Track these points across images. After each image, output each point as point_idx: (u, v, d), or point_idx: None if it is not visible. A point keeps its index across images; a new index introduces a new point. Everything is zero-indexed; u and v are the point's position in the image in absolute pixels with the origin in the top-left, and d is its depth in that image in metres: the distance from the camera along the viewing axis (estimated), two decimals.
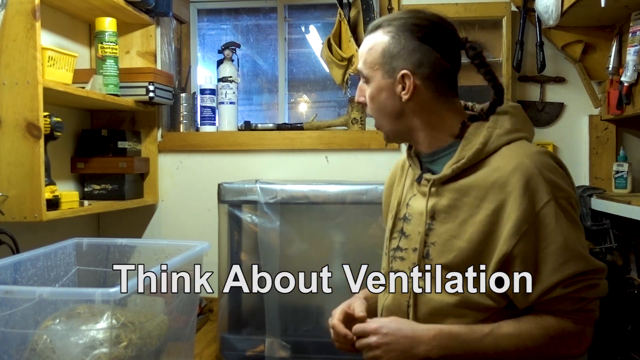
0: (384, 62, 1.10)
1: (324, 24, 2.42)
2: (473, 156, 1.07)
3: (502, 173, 1.03)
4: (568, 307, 1.02)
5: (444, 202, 1.09)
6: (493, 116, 1.12)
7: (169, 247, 1.48)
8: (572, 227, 1.02)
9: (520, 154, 1.04)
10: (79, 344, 1.09)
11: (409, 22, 1.09)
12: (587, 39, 2.02)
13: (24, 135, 1.48)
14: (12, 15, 1.47)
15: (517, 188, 1.00)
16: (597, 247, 1.95)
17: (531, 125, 1.17)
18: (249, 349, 1.77)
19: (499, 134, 1.08)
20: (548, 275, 0.99)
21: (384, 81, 1.11)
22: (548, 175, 1.01)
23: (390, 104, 1.11)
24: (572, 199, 1.04)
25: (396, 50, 1.09)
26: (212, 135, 2.22)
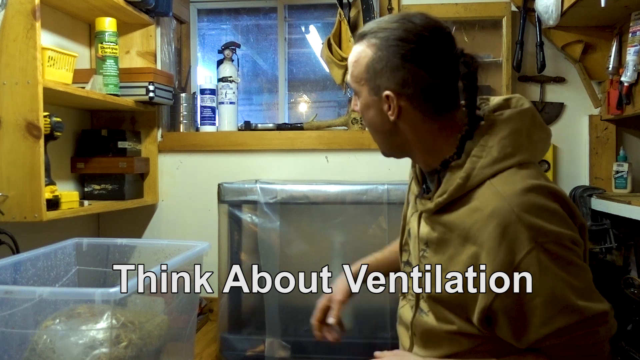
0: (368, 78, 1.02)
1: (324, 24, 2.42)
2: (454, 192, 0.98)
3: (481, 216, 0.93)
4: (566, 352, 0.93)
5: (435, 234, 1.02)
6: (487, 133, 1.00)
7: (169, 247, 1.48)
8: (563, 272, 0.90)
9: (499, 195, 0.93)
10: (79, 344, 1.09)
11: (394, 35, 0.99)
12: (587, 39, 2.02)
13: (24, 135, 1.48)
14: (12, 15, 1.47)
15: (492, 238, 0.90)
16: (597, 247, 1.95)
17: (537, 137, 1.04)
18: (249, 349, 1.77)
19: (483, 165, 0.97)
20: (537, 328, 0.91)
21: (370, 98, 1.03)
22: (529, 220, 0.89)
23: (380, 120, 1.03)
24: (564, 239, 0.91)
25: (379, 67, 0.99)
26: (212, 135, 2.22)
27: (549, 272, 0.89)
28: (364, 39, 1.02)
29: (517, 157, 0.98)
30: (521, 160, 0.98)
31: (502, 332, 0.95)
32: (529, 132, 1.02)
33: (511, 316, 0.92)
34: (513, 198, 0.91)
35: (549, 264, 0.89)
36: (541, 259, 0.89)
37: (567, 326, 0.89)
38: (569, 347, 0.92)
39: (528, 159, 1.00)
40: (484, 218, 0.92)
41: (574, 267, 0.91)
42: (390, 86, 0.99)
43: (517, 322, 0.92)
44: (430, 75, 0.98)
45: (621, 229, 1.90)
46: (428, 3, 2.09)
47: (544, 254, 0.89)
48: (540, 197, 0.93)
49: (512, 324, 0.93)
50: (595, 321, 0.91)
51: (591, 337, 0.91)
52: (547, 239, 0.90)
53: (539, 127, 1.05)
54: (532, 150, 1.02)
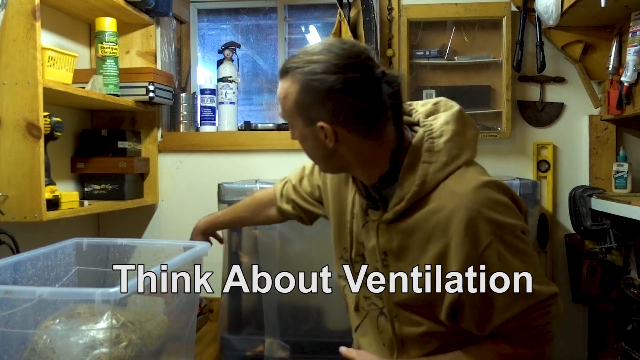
0: (300, 112, 1.04)
1: (324, 24, 2.42)
2: (411, 198, 1.02)
3: (442, 216, 0.99)
4: (523, 336, 1.02)
5: (394, 243, 1.07)
6: (428, 138, 1.05)
7: (169, 247, 1.48)
8: (518, 261, 0.99)
9: (457, 194, 0.99)
10: (79, 344, 1.09)
11: (316, 69, 1.00)
12: (587, 39, 2.02)
13: (24, 135, 1.48)
14: (12, 15, 1.47)
15: (458, 232, 0.97)
16: (597, 247, 1.95)
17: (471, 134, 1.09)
18: (249, 349, 1.77)
19: (435, 170, 1.03)
20: (499, 314, 0.99)
21: (305, 129, 1.05)
22: (488, 214, 0.97)
23: (319, 148, 1.06)
24: (517, 230, 1.00)
25: (307, 101, 1.01)
26: (212, 135, 2.22)
27: (507, 262, 0.98)
28: (288, 75, 1.03)
29: (462, 157, 1.05)
30: (466, 159, 1.05)
31: (466, 322, 1.03)
32: (464, 132, 1.08)
33: (477, 306, 1.00)
34: (470, 195, 0.98)
35: (506, 254, 0.98)
36: (500, 250, 0.97)
37: (525, 309, 0.99)
38: (525, 328, 1.01)
39: (471, 156, 1.07)
40: (447, 215, 0.98)
41: (526, 255, 1.01)
42: (322, 117, 1.01)
43: (482, 311, 1.00)
44: (358, 100, 1.00)
45: (621, 229, 1.90)
46: (428, 3, 2.09)
47: (502, 245, 0.98)
48: (493, 191, 1.01)
49: (477, 313, 1.00)
50: (548, 302, 1.01)
51: (545, 317, 1.01)
52: (503, 231, 0.98)
53: (470, 126, 1.10)
54: (472, 148, 1.08)
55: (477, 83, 2.13)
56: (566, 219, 2.05)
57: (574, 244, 2.03)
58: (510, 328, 1.01)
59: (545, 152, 2.11)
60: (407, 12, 2.09)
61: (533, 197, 1.76)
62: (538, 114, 2.11)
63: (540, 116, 2.11)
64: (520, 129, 2.12)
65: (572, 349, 2.09)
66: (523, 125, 2.12)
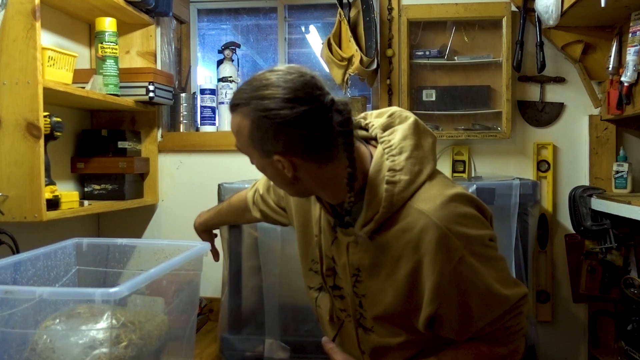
0: (255, 145, 1.03)
1: (324, 24, 2.42)
2: (379, 218, 1.02)
3: (412, 235, 1.00)
4: (498, 337, 1.06)
5: (366, 259, 1.07)
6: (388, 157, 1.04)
7: (169, 247, 1.47)
8: (489, 269, 1.01)
9: (424, 214, 0.99)
10: (79, 344, 1.09)
11: (264, 106, 0.98)
12: (587, 39, 2.02)
13: (24, 135, 1.48)
14: (12, 15, 1.47)
15: (430, 250, 0.98)
16: (597, 247, 1.95)
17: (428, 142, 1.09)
18: (249, 349, 1.77)
19: (400, 191, 1.02)
20: (475, 323, 1.03)
21: (263, 160, 1.05)
22: (457, 230, 0.98)
23: (279, 175, 1.05)
24: (485, 239, 1.02)
25: (260, 135, 1.00)
26: (212, 135, 2.22)
27: (479, 272, 1.00)
28: (237, 109, 1.03)
29: (424, 172, 1.05)
30: (428, 173, 1.05)
31: (444, 332, 1.05)
32: (422, 145, 1.08)
33: (454, 318, 1.02)
34: (437, 213, 0.99)
35: (478, 265, 1.00)
36: (472, 263, 0.99)
37: (500, 315, 1.02)
38: (500, 329, 1.05)
39: (432, 168, 1.07)
40: (417, 234, 0.99)
41: (495, 261, 1.04)
42: (277, 150, 1.00)
43: (459, 322, 1.03)
44: (309, 132, 0.99)
45: (621, 229, 1.90)
46: (428, 3, 2.09)
47: (473, 258, 0.99)
48: (459, 205, 1.02)
49: (453, 324, 1.03)
50: (519, 304, 1.04)
51: (518, 317, 1.05)
52: (473, 244, 1.00)
53: (426, 135, 1.10)
54: (432, 159, 1.08)
55: (477, 83, 2.13)
56: (566, 219, 2.05)
57: (574, 244, 2.03)
58: (487, 332, 1.04)
59: (545, 152, 2.11)
60: (407, 12, 2.09)
61: (533, 197, 1.76)
62: (538, 114, 2.11)
63: (540, 116, 2.11)
64: (520, 129, 2.12)
65: (572, 349, 2.09)
66: (523, 125, 2.12)
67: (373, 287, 1.08)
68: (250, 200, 1.47)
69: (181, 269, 1.30)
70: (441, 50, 2.13)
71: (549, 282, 2.07)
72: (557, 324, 2.09)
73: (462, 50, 2.14)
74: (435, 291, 0.99)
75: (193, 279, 1.39)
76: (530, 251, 1.80)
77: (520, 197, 1.72)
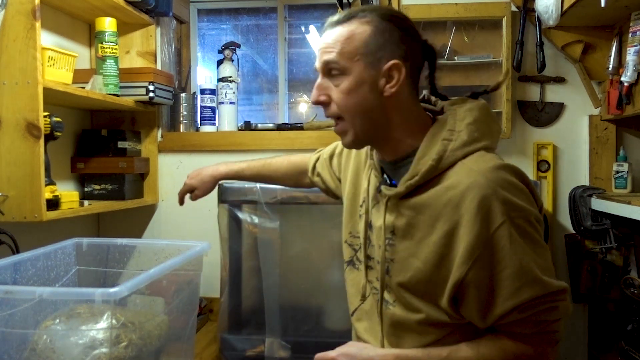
0: (367, 53, 1.00)
1: (324, 24, 2.42)
2: (426, 173, 1.00)
3: (455, 192, 0.96)
4: (526, 330, 0.97)
5: (402, 220, 1.04)
6: (451, 119, 1.04)
7: (169, 247, 1.47)
8: (529, 248, 0.95)
9: (474, 171, 0.97)
10: (79, 344, 1.09)
11: (389, 13, 1.03)
12: (587, 39, 2.02)
13: (24, 135, 1.48)
14: (12, 15, 1.47)
15: (470, 210, 0.94)
16: (597, 247, 1.95)
17: (495, 128, 1.09)
18: (249, 349, 1.77)
19: (454, 148, 1.01)
20: (504, 301, 0.95)
21: (366, 73, 1.01)
22: (503, 195, 0.94)
23: (371, 98, 1.02)
24: (531, 216, 0.97)
25: (382, 39, 1.00)
26: (212, 135, 2.22)
27: (517, 246, 0.94)
28: (354, 19, 1.03)
29: (483, 142, 1.03)
30: (486, 145, 1.03)
31: (468, 309, 0.98)
32: (488, 122, 1.07)
33: (481, 289, 0.95)
34: (487, 174, 0.96)
35: (517, 237, 0.94)
36: (511, 232, 0.94)
37: (532, 299, 0.94)
38: (530, 322, 0.96)
39: (491, 145, 1.05)
40: (461, 192, 0.96)
41: (538, 245, 0.97)
42: (395, 57, 1.00)
43: (486, 295, 0.95)
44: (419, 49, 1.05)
45: (621, 229, 1.90)
46: (428, 3, 2.09)
47: (514, 228, 0.94)
48: (511, 175, 0.98)
49: (481, 297, 0.95)
50: (556, 296, 0.96)
51: (552, 312, 0.96)
52: (517, 214, 0.95)
53: (494, 120, 1.10)
54: (493, 138, 1.07)
55: (477, 83, 2.13)
56: (566, 219, 2.05)
57: (574, 244, 2.03)
58: (515, 320, 0.96)
59: (545, 152, 2.11)
60: (407, 12, 2.09)
61: None
62: (538, 114, 2.11)
63: (540, 116, 2.11)
64: (520, 129, 2.12)
65: (572, 349, 2.09)
66: (523, 125, 2.12)
67: (404, 252, 1.04)
68: (310, 165, 1.46)
69: (181, 269, 1.30)
70: (441, 50, 2.13)
71: None
72: None
73: (462, 50, 2.14)
74: (468, 253, 0.94)
75: (193, 279, 1.39)
76: None
77: None
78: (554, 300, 0.96)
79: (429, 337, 1.04)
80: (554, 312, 0.97)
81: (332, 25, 1.05)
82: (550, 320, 0.97)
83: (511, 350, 0.98)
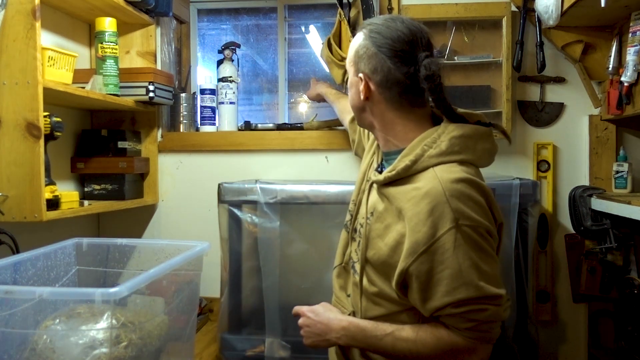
0: (354, 61, 1.22)
1: (324, 24, 2.42)
2: (402, 171, 1.14)
3: (418, 193, 1.10)
4: (458, 325, 1.09)
5: (381, 205, 1.19)
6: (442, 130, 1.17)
7: (169, 247, 1.48)
8: (473, 254, 1.06)
9: (436, 179, 1.09)
10: (79, 344, 1.09)
11: (377, 29, 1.18)
12: (587, 39, 2.01)
13: (24, 135, 1.48)
14: (12, 15, 1.47)
15: (424, 212, 1.07)
16: (597, 247, 1.95)
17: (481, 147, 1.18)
18: (249, 349, 1.77)
19: (431, 155, 1.14)
20: (440, 297, 1.07)
21: (353, 78, 1.24)
22: (456, 204, 1.07)
23: (356, 98, 1.23)
24: (480, 228, 1.08)
25: (361, 52, 1.20)
26: (212, 135, 2.22)
27: (460, 250, 1.06)
28: (363, 29, 1.22)
29: (461, 155, 1.15)
30: (463, 159, 1.15)
31: (412, 295, 1.12)
32: (475, 140, 1.18)
33: (422, 282, 1.08)
34: (446, 183, 1.08)
35: (462, 243, 1.06)
36: (457, 238, 1.06)
37: (465, 299, 1.06)
38: (463, 318, 1.08)
39: (471, 160, 1.16)
40: (420, 195, 1.09)
41: (483, 253, 1.08)
42: (365, 70, 1.19)
43: (426, 287, 1.09)
44: (395, 69, 1.15)
45: (621, 229, 1.90)
46: (428, 3, 2.09)
47: (460, 234, 1.06)
48: (470, 188, 1.10)
49: (421, 288, 1.09)
50: (489, 300, 1.07)
51: (482, 313, 1.08)
52: (466, 223, 1.07)
53: (484, 139, 1.20)
54: (476, 155, 1.18)
55: (477, 83, 2.13)
56: (566, 219, 2.05)
57: (574, 244, 2.03)
58: (449, 314, 1.08)
59: (545, 152, 2.11)
60: (407, 12, 2.09)
61: (533, 197, 1.76)
62: (538, 114, 2.11)
63: (540, 116, 2.11)
64: (520, 129, 2.12)
65: (572, 349, 2.09)
66: (523, 125, 2.12)
67: (374, 232, 1.19)
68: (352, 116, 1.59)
69: (181, 269, 1.30)
70: (441, 50, 2.13)
71: (549, 282, 2.07)
72: (557, 324, 2.09)
73: (462, 50, 2.14)
74: (413, 248, 1.08)
75: (193, 279, 1.40)
76: (530, 251, 1.80)
77: (520, 197, 1.72)
78: (485, 303, 1.07)
79: (381, 309, 1.20)
80: (484, 313, 1.08)
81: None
82: (481, 321, 1.08)
83: (444, 339, 1.11)
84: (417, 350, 1.13)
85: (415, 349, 1.13)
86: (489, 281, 1.07)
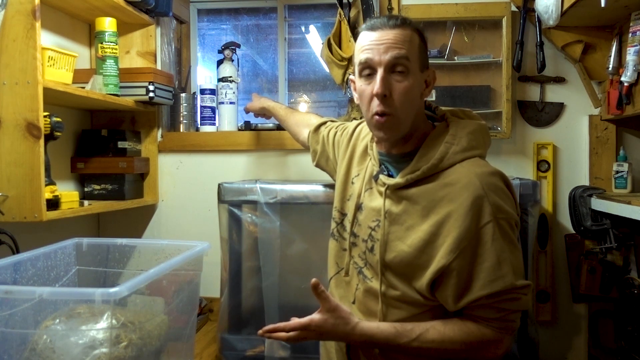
0: (420, 57, 1.18)
1: (324, 24, 2.42)
2: (428, 170, 1.15)
3: (452, 189, 1.11)
4: (490, 316, 1.11)
5: (398, 207, 1.18)
6: (453, 127, 1.19)
7: (169, 247, 1.47)
8: (506, 247, 1.10)
9: (471, 173, 1.12)
10: (79, 344, 1.09)
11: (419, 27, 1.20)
12: (587, 39, 2.01)
13: (24, 135, 1.48)
14: (12, 15, 1.47)
15: (464, 206, 1.09)
16: (597, 247, 1.95)
17: (488, 140, 1.25)
18: (249, 349, 1.77)
19: (455, 151, 1.16)
20: (478, 289, 1.09)
21: (419, 75, 1.18)
22: (493, 198, 1.10)
23: (417, 100, 1.19)
24: (512, 220, 1.13)
25: (423, 48, 1.20)
26: (212, 135, 2.22)
27: (497, 243, 1.09)
28: (407, 25, 1.17)
29: (479, 150, 1.19)
30: (481, 154, 1.20)
31: (445, 293, 1.12)
32: (483, 135, 1.23)
33: (461, 276, 1.09)
34: (483, 177, 1.11)
35: (499, 236, 1.09)
36: (495, 231, 1.09)
37: (501, 290, 1.08)
38: (494, 309, 1.10)
39: (484, 154, 1.22)
40: (457, 189, 1.11)
41: (513, 245, 1.12)
42: (427, 64, 1.22)
43: (464, 282, 1.10)
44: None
45: (621, 229, 1.90)
46: (428, 3, 2.09)
47: (498, 228, 1.09)
48: (501, 182, 1.14)
49: (459, 283, 1.10)
50: (521, 290, 1.10)
51: (514, 302, 1.10)
52: (502, 216, 1.10)
53: (488, 134, 1.26)
54: (485, 149, 1.23)
55: (477, 83, 2.13)
56: (566, 219, 2.05)
57: (574, 244, 2.03)
58: (481, 305, 1.10)
59: (545, 152, 2.11)
60: (407, 12, 2.09)
61: (533, 197, 1.76)
62: (538, 114, 2.11)
63: (541, 116, 2.11)
64: (520, 129, 2.12)
65: (572, 349, 2.09)
66: (523, 125, 2.12)
67: (391, 235, 1.18)
68: (314, 126, 1.63)
69: (181, 269, 1.30)
70: (441, 50, 2.13)
71: (549, 282, 2.07)
72: (557, 324, 2.09)
73: (462, 50, 2.14)
74: (456, 243, 1.08)
75: (193, 279, 1.39)
76: (530, 251, 1.80)
77: (520, 197, 1.72)
78: (518, 293, 1.10)
79: (402, 312, 1.18)
80: (516, 302, 1.11)
81: (391, 26, 1.16)
82: (511, 310, 1.11)
83: (474, 333, 1.12)
84: (444, 349, 1.13)
85: (442, 347, 1.13)
86: (519, 271, 1.11)
